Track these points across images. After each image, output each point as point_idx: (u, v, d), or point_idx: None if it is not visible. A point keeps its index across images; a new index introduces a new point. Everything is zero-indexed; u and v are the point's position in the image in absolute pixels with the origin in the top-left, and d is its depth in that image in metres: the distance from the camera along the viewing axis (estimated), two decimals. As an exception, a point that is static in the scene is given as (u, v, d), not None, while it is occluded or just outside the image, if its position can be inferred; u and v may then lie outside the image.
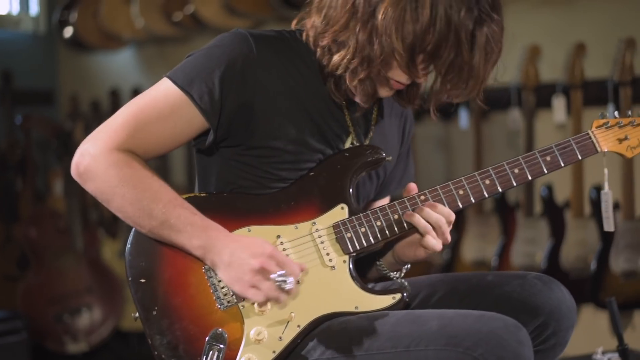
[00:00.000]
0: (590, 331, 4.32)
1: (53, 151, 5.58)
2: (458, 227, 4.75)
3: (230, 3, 5.11)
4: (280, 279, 2.14)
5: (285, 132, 2.25)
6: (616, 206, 4.07)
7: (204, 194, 2.29)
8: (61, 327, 5.07)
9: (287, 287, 2.15)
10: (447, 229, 2.25)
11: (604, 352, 3.24)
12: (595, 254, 4.11)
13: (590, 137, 2.37)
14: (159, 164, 5.46)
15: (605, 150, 2.39)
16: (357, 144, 2.34)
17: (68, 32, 6.00)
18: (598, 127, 2.39)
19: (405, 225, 2.26)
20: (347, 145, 2.34)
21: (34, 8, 6.38)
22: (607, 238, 4.07)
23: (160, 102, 2.23)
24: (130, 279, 2.23)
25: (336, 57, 2.21)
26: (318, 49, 2.26)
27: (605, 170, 2.46)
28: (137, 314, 2.23)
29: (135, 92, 5.70)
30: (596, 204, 4.08)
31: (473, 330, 2.07)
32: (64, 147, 5.34)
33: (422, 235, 2.25)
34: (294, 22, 2.35)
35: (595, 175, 4.18)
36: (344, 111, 2.33)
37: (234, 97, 2.22)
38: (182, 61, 2.28)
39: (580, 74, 4.20)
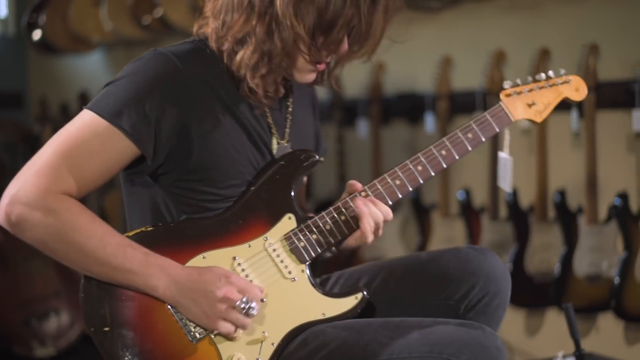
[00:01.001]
0: (553, 335, 4.36)
1: (21, 154, 5.57)
2: (423, 231, 4.78)
3: (199, 7, 5.11)
4: (245, 305, 2.13)
5: (224, 147, 2.22)
6: (579, 210, 4.11)
7: (151, 228, 2.21)
8: (29, 332, 5.05)
9: (253, 312, 2.15)
10: (382, 226, 2.27)
11: (564, 356, 3.28)
12: (559, 258, 4.14)
13: (502, 108, 2.44)
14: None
15: (518, 118, 2.46)
16: (285, 148, 2.33)
17: (37, 34, 6.01)
18: (507, 96, 2.46)
19: (353, 224, 2.27)
20: (274, 146, 2.32)
21: (3, 10, 6.38)
22: (570, 242, 4.10)
23: (89, 137, 2.13)
24: (92, 329, 2.15)
25: (237, 57, 2.19)
26: (224, 54, 2.23)
27: (507, 136, 2.54)
28: None
29: None
30: (558, 206, 4.12)
31: (455, 337, 2.12)
32: (33, 151, 5.29)
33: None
34: (195, 29, 2.33)
35: (560, 180, 4.22)
36: (266, 112, 2.31)
37: (167, 121, 2.16)
38: (102, 91, 2.19)
39: (545, 79, 4.23)
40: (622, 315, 3.98)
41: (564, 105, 4.13)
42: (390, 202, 2.32)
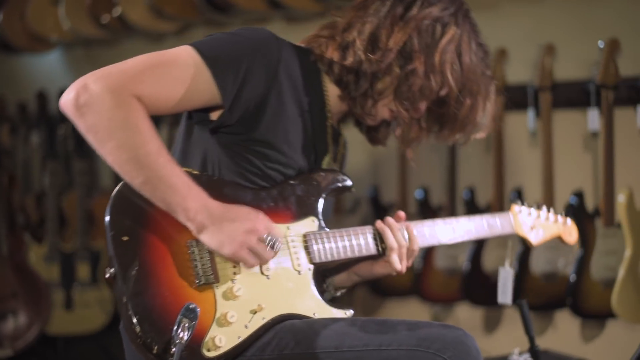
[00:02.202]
0: (510, 332, 4.40)
1: (-22, 154, 5.53)
2: (383, 230, 4.79)
3: (158, 6, 5.09)
4: (271, 239, 2.22)
5: (286, 135, 2.34)
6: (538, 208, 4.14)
7: (196, 172, 2.30)
8: (-14, 333, 5.03)
9: (278, 246, 2.24)
10: (406, 256, 2.45)
11: (520, 353, 3.31)
12: (516, 256, 4.17)
13: (509, 218, 2.76)
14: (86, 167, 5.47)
15: (518, 233, 2.77)
16: (333, 167, 2.49)
17: (-6, 33, 5.95)
18: (518, 213, 2.79)
19: (363, 250, 2.42)
20: (325, 162, 2.47)
21: (-41, 9, 6.31)
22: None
23: (181, 65, 2.21)
24: (112, 233, 2.19)
25: (379, 85, 2.37)
26: (346, 73, 2.38)
27: (509, 250, 2.98)
28: (111, 270, 2.19)
29: (62, 94, 5.66)
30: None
31: (441, 335, 2.21)
32: (-10, 150, 5.30)
33: (384, 253, 2.44)
34: (307, 40, 2.48)
35: (517, 179, 4.26)
36: (328, 131, 2.46)
37: (252, 87, 2.26)
38: (211, 36, 2.32)
39: (502, 79, 4.26)
40: (578, 313, 4.02)
41: (520, 105, 4.22)
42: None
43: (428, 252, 4.51)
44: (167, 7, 5.12)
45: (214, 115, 2.31)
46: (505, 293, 2.76)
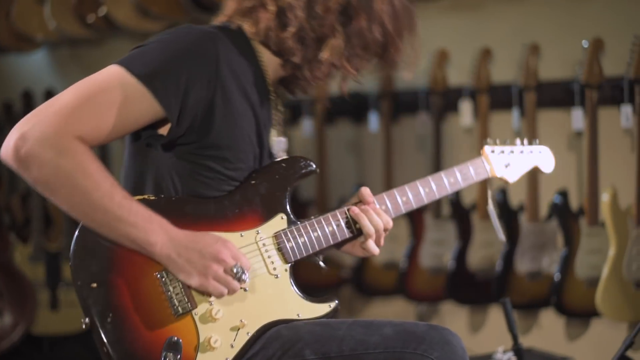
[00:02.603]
0: (495, 331, 4.41)
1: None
2: (368, 229, 4.80)
3: (144, 5, 5.08)
4: (238, 270, 2.18)
5: (241, 130, 2.28)
6: (521, 208, 4.16)
7: (154, 197, 2.23)
8: (-29, 333, 5.02)
9: (245, 279, 2.20)
10: (383, 235, 2.39)
11: (504, 351, 3.32)
12: (501, 255, 4.19)
13: (482, 161, 2.65)
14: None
15: (494, 175, 2.68)
16: (283, 144, 2.45)
17: (-21, 33, 5.92)
18: (491, 152, 2.69)
19: (338, 236, 2.37)
20: (273, 138, 2.42)
21: (-56, 9, 6.30)
22: (512, 239, 4.16)
23: (115, 90, 2.13)
24: (79, 283, 2.14)
25: (324, 47, 2.31)
26: (287, 42, 2.30)
27: (489, 192, 2.89)
28: (86, 320, 2.15)
29: (48, 94, 5.65)
30: (500, 204, 4.18)
31: (427, 335, 2.21)
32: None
33: (364, 238, 2.38)
34: (228, 13, 2.37)
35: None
36: (272, 104, 2.41)
37: (196, 94, 2.19)
38: (138, 50, 2.21)
39: (487, 79, 4.28)
40: (563, 311, 4.04)
41: (505, 104, 4.23)
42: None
43: (413, 251, 4.52)
44: (153, 7, 5.11)
45: (163, 130, 2.24)
46: (497, 229, 2.79)
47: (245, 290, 2.24)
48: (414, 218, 4.54)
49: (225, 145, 2.25)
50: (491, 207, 2.76)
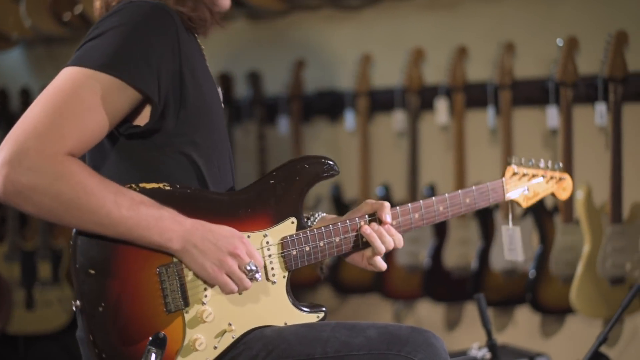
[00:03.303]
0: (471, 328, 4.43)
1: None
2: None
3: (119, 4, 5.08)
4: (252, 268, 2.16)
5: (210, 92, 2.25)
6: (495, 206, 4.18)
7: (169, 187, 2.16)
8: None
9: (257, 278, 2.17)
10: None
11: (479, 348, 3.34)
12: (476, 253, 4.21)
13: (502, 185, 2.55)
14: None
15: (508, 199, 2.58)
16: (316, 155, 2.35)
17: (-45, 31, 5.90)
18: (512, 175, 2.59)
19: (343, 249, 2.32)
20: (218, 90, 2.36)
21: None
22: (487, 237, 4.18)
23: (86, 93, 2.04)
24: (77, 266, 2.09)
25: None
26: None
27: (510, 210, 2.65)
28: (77, 303, 2.10)
29: (24, 92, 5.63)
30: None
31: (411, 337, 2.20)
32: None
33: (371, 252, 2.33)
34: None
35: (477, 176, 4.28)
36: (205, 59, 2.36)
37: (167, 68, 2.12)
38: (91, 44, 2.09)
39: (462, 77, 4.30)
40: (538, 308, 4.06)
41: (481, 102, 4.25)
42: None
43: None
44: (129, 5, 5.10)
45: (140, 121, 2.17)
46: (514, 250, 2.69)
47: (239, 294, 2.22)
48: (390, 216, 4.54)
49: (204, 111, 2.22)
50: (511, 226, 2.70)
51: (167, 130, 2.19)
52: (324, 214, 2.42)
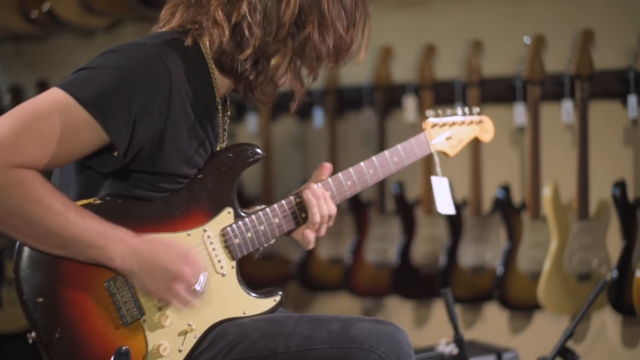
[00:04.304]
0: (439, 325, 4.45)
1: None
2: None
3: (87, 1, 5.05)
4: (200, 288, 2.18)
5: (188, 154, 2.19)
6: (464, 203, 4.20)
7: (99, 201, 2.14)
8: None
9: (202, 295, 2.20)
10: (326, 224, 2.36)
11: (447, 343, 3.35)
12: (444, 249, 4.23)
13: (425, 138, 2.55)
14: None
15: (435, 150, 2.58)
16: (238, 143, 2.33)
17: None
18: (432, 126, 2.58)
19: (284, 228, 2.32)
20: (219, 142, 2.33)
21: None
22: (456, 233, 4.20)
23: (59, 119, 2.01)
24: (24, 297, 2.07)
25: (274, 63, 2.22)
26: (242, 64, 2.19)
27: (436, 159, 2.62)
28: (32, 334, 2.08)
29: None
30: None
31: (374, 330, 2.21)
32: None
33: (306, 226, 2.34)
34: (176, 22, 2.24)
35: (444, 174, 4.30)
36: (219, 115, 2.29)
37: (145, 125, 2.08)
38: (77, 75, 2.08)
39: (430, 75, 4.32)
40: (506, 305, 4.09)
41: (449, 100, 4.27)
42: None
43: (357, 247, 4.54)
44: (97, 3, 5.08)
45: (105, 156, 2.12)
46: (444, 201, 2.68)
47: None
48: (359, 213, 4.56)
49: (173, 170, 2.17)
50: (439, 177, 2.68)
51: (126, 167, 2.14)
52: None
